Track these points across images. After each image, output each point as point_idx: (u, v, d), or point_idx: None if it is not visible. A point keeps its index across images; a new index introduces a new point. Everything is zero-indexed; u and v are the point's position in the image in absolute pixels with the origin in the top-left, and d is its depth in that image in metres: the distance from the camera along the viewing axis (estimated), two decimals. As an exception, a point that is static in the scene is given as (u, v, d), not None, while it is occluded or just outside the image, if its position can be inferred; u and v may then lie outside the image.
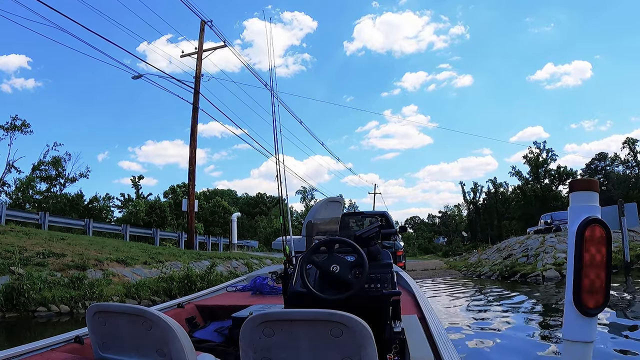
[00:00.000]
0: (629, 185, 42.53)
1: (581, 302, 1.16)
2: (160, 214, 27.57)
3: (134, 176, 33.93)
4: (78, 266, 8.10)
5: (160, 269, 9.26)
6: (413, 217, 69.95)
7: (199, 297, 3.11)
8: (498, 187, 54.19)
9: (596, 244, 1.17)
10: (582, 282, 1.17)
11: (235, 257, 13.84)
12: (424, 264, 21.63)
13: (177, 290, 8.14)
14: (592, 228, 1.18)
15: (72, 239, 10.89)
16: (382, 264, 1.96)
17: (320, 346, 1.19)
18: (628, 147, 43.89)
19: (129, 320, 1.35)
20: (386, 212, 10.35)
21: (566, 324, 1.19)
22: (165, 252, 11.62)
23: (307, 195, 59.22)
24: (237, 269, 12.28)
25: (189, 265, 9.42)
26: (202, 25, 15.66)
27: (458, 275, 15.88)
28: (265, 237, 43.41)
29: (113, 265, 8.88)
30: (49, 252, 8.38)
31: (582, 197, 1.22)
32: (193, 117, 15.38)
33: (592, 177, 47.37)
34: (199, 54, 15.85)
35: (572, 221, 1.20)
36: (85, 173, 28.21)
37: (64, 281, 7.33)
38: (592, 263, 1.17)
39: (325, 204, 3.48)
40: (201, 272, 9.40)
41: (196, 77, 15.58)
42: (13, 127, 24.82)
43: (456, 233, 55.76)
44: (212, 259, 11.50)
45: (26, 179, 25.65)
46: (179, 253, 12.00)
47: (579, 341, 1.17)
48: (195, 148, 15.51)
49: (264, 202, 60.11)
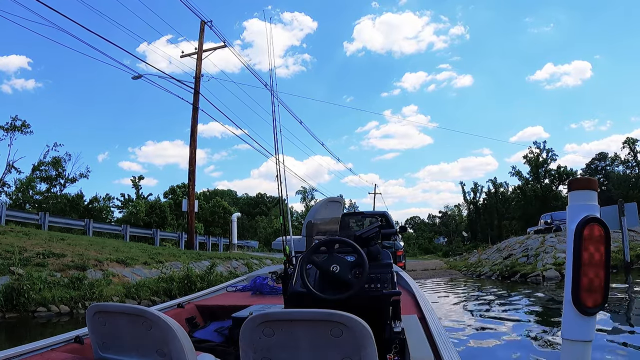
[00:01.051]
0: (629, 185, 42.52)
1: (580, 301, 1.16)
2: (161, 214, 27.58)
3: (134, 176, 33.99)
4: (78, 266, 8.08)
5: (160, 269, 9.24)
6: (413, 217, 70.02)
7: (199, 297, 3.11)
8: (498, 187, 54.20)
9: (595, 242, 1.17)
10: (581, 281, 1.16)
11: (235, 257, 13.81)
12: (424, 264, 21.54)
13: (177, 291, 8.12)
14: (590, 227, 1.17)
15: (72, 239, 10.87)
16: (382, 264, 1.96)
17: (320, 346, 1.19)
18: (628, 147, 43.92)
19: (129, 320, 1.35)
20: (386, 212, 10.35)
21: (565, 323, 1.19)
22: (165, 253, 11.58)
23: (307, 196, 59.24)
24: (237, 269, 12.26)
25: (188, 265, 9.38)
26: (202, 25, 15.68)
27: (458, 275, 15.82)
28: (266, 237, 43.40)
29: (113, 265, 8.84)
30: (48, 252, 8.37)
31: (581, 196, 1.21)
32: (193, 118, 15.38)
33: (592, 177, 47.26)
34: (198, 54, 15.86)
35: (570, 220, 1.20)
36: (85, 173, 28.23)
37: (63, 281, 7.31)
38: (590, 262, 1.16)
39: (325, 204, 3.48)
40: (201, 273, 9.38)
41: (196, 78, 15.56)
42: (13, 128, 24.80)
43: (456, 233, 55.77)
44: (212, 259, 11.44)
45: (26, 180, 25.64)
46: (178, 253, 11.99)
47: (578, 340, 1.17)
48: (195, 148, 15.51)
49: (264, 202, 60.12)
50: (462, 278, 14.50)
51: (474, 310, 7.05)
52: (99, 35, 10.39)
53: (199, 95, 15.24)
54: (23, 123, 25.16)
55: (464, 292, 10.11)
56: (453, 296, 9.27)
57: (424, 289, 7.13)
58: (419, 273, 15.72)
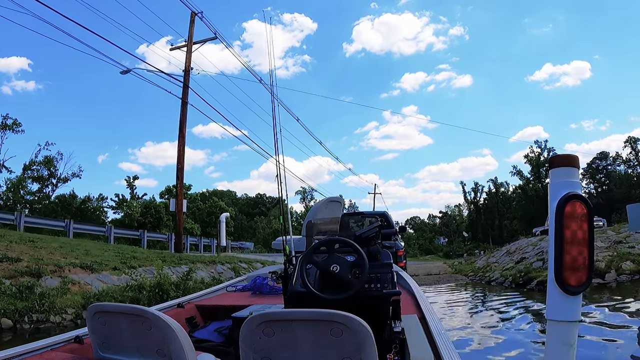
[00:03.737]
0: (631, 184, 42.42)
1: (563, 279, 1.14)
2: (156, 214, 27.00)
3: (129, 176, 33.55)
4: (32, 272, 7.03)
5: (131, 276, 8.07)
6: (413, 218, 69.92)
7: (199, 297, 3.11)
8: (499, 186, 54.16)
9: (577, 220, 1.15)
10: (564, 259, 1.14)
11: (221, 260, 12.80)
12: (427, 268, 20.24)
13: (145, 301, 7.08)
14: (572, 204, 1.15)
15: (43, 240, 9.96)
16: (382, 264, 1.96)
17: (320, 346, 1.19)
18: (630, 146, 43.84)
19: (129, 320, 1.35)
20: (386, 212, 10.34)
21: (549, 304, 1.18)
22: (141, 256, 10.46)
23: (306, 196, 59.23)
24: (222, 274, 11.28)
25: (161, 271, 8.20)
26: (192, 17, 15.05)
27: (465, 280, 14.89)
28: (264, 238, 43.32)
29: (76, 271, 7.74)
30: (3, 256, 7.34)
31: (562, 173, 1.20)
32: (182, 112, 14.58)
33: (594, 176, 47.33)
34: (188, 46, 15.18)
35: (552, 197, 1.19)
36: (78, 173, 27.78)
37: (11, 290, 6.29)
38: (573, 240, 1.15)
39: (325, 204, 3.48)
40: (176, 280, 8.44)
41: (185, 71, 14.88)
42: (4, 127, 24.36)
43: (457, 233, 55.70)
44: (193, 264, 10.60)
45: (17, 179, 25.08)
46: (153, 257, 10.75)
47: (563, 321, 1.15)
48: (183, 145, 14.82)
49: (263, 202, 60.14)
50: (470, 285, 13.58)
51: (491, 327, 6.23)
52: (99, 36, 10.34)
53: (188, 89, 14.57)
54: (14, 122, 24.82)
55: (474, 303, 9.41)
56: (463, 308, 8.44)
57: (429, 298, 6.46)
58: (422, 279, 14.67)
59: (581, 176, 27.76)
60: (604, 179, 46.45)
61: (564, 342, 1.14)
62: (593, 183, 47.61)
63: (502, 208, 52.42)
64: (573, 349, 1.14)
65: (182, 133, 14.77)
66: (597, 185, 47.37)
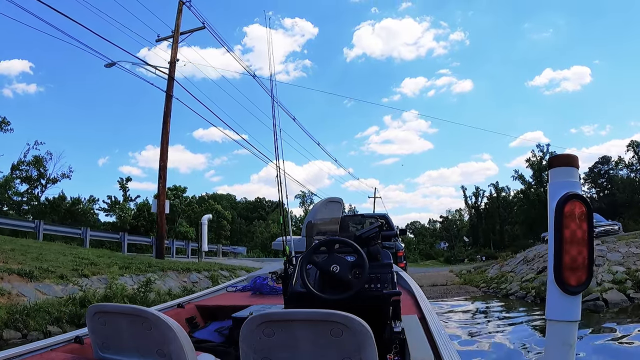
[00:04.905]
0: (635, 188, 42.26)
1: (563, 279, 1.14)
2: (149, 217, 26.00)
3: (121, 178, 32.11)
4: None
5: (80, 286, 6.90)
6: (413, 222, 69.72)
7: (199, 297, 3.12)
8: (500, 191, 54.04)
9: (577, 220, 1.15)
10: (563, 258, 1.14)
11: (198, 268, 11.47)
12: (431, 277, 17.11)
13: None
14: (572, 203, 1.15)
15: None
16: (382, 264, 1.96)
17: (320, 346, 1.19)
18: (633, 150, 43.73)
19: (129, 320, 1.36)
20: (386, 214, 10.37)
21: (549, 304, 1.18)
22: (101, 262, 9.18)
23: (306, 200, 59.08)
24: (196, 284, 9.99)
25: (116, 281, 7.28)
26: (179, 6, 14.37)
27: (477, 293, 12.93)
28: (262, 242, 43.05)
29: (12, 279, 6.49)
30: None
31: (561, 173, 1.20)
32: (166, 106, 13.62)
33: (595, 181, 47.23)
34: (175, 37, 14.33)
35: (551, 197, 1.19)
36: (68, 173, 26.59)
37: None
38: (573, 239, 1.15)
39: (325, 204, 3.48)
40: (133, 292, 7.27)
41: (171, 62, 13.99)
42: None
43: (458, 238, 55.55)
44: (163, 272, 9.48)
45: (4, 179, 24.09)
46: (119, 263, 9.53)
47: (562, 320, 1.15)
48: (167, 141, 13.96)
49: (262, 206, 60.01)
50: (484, 298, 11.75)
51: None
52: (99, 36, 10.35)
53: (174, 82, 13.81)
54: (3, 120, 23.96)
55: (496, 324, 7.51)
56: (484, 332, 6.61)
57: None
58: (427, 291, 10.99)
59: (583, 181, 27.29)
60: (605, 183, 46.32)
61: (564, 342, 1.14)
62: (595, 187, 47.50)
63: (503, 213, 52.26)
64: (573, 349, 1.14)
65: (166, 129, 13.88)
66: (599, 190, 47.26)
